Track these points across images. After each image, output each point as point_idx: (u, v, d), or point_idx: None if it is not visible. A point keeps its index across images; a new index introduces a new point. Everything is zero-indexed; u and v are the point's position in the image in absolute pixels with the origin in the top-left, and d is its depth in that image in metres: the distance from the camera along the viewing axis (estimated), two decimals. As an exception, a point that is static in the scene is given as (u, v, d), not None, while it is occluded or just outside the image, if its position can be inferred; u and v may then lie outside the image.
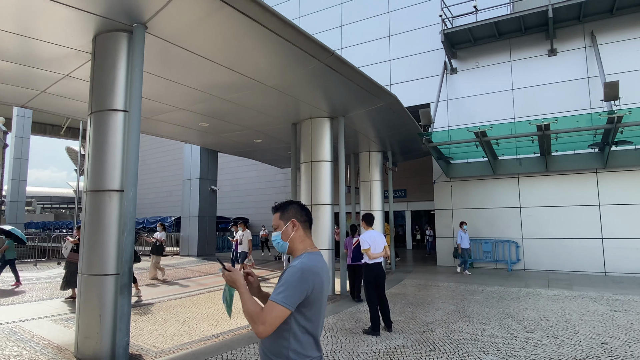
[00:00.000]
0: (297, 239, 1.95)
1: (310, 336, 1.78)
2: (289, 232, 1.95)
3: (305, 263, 1.79)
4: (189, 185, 18.75)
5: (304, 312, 1.75)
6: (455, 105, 14.18)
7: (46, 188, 64.13)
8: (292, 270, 1.76)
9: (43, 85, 7.32)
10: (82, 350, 4.73)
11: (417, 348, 5.10)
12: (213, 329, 6.07)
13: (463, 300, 8.08)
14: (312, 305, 1.76)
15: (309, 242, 1.97)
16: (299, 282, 1.72)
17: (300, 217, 1.98)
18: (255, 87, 7.53)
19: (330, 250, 8.98)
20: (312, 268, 1.78)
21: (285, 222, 1.97)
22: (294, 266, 1.78)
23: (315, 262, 1.83)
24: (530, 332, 5.82)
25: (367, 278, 6.01)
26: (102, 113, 5.08)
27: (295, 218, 1.96)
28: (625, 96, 10.59)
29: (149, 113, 9.22)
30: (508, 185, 13.28)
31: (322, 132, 9.32)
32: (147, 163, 31.47)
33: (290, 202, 2.05)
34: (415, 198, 20.67)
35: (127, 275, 4.70)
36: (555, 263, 12.30)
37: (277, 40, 5.71)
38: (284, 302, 1.69)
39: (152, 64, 6.25)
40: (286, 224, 1.96)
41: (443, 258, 14.24)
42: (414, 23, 15.20)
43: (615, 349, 5.03)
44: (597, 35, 12.21)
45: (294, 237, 1.95)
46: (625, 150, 11.42)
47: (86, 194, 5.05)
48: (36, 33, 5.40)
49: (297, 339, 1.75)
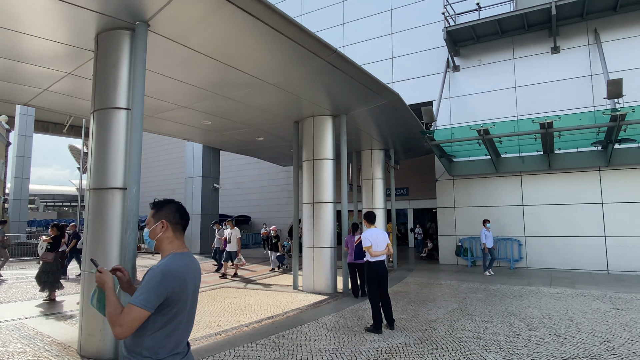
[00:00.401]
0: (165, 240, 1.96)
1: (170, 336, 1.81)
2: (157, 232, 1.96)
3: (167, 265, 1.81)
4: (192, 183, 18.79)
5: (163, 313, 1.78)
6: (458, 103, 14.15)
7: (49, 186, 64.35)
8: (153, 272, 1.78)
9: (46, 83, 7.33)
10: (85, 348, 4.75)
11: (420, 346, 5.10)
12: (216, 327, 6.08)
13: (465, 299, 8.08)
14: (172, 306, 1.79)
15: (178, 243, 1.98)
16: (158, 284, 1.74)
17: (172, 219, 1.98)
18: (258, 85, 7.53)
19: (332, 249, 8.99)
20: (172, 270, 1.80)
21: (155, 221, 1.98)
22: (154, 268, 1.80)
23: (178, 264, 1.85)
24: (532, 330, 5.81)
25: (369, 276, 6.01)
26: (104, 111, 5.09)
27: (166, 218, 1.97)
28: (628, 94, 10.55)
29: (152, 111, 9.23)
30: (511, 183, 13.25)
31: (324, 130, 9.31)
32: (149, 161, 31.53)
33: (167, 201, 2.05)
34: (417, 196, 20.65)
35: (130, 273, 4.70)
36: (557, 261, 12.27)
37: (280, 38, 5.71)
38: (142, 304, 1.71)
39: (154, 62, 6.25)
40: (155, 223, 1.98)
41: (445, 256, 14.23)
42: (417, 20, 15.16)
43: (617, 347, 5.02)
44: (600, 33, 12.15)
45: (161, 237, 1.96)
46: (629, 148, 11.38)
47: (89, 192, 5.07)
48: (39, 31, 5.40)
49: (155, 338, 1.78)
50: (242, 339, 5.44)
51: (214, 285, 9.82)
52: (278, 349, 5.00)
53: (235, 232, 11.16)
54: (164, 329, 1.79)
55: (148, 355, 1.78)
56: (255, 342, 5.26)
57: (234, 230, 11.21)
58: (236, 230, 11.21)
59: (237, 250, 11.11)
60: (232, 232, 11.17)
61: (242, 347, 5.04)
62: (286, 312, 7.05)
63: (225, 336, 5.59)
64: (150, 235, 1.98)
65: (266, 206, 24.63)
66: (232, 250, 11.09)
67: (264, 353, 4.82)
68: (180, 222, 2.01)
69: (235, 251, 11.07)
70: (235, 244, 11.06)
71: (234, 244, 11.06)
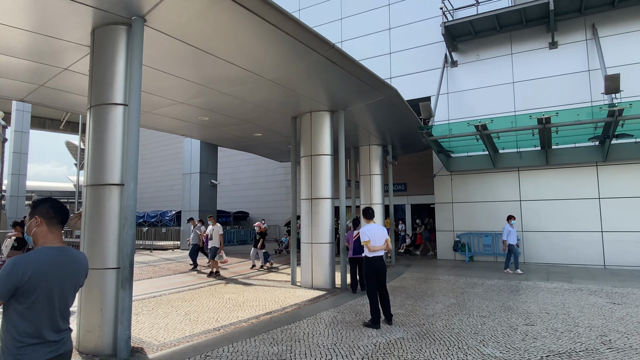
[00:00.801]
0: (39, 234, 2.11)
1: (30, 323, 1.92)
2: (32, 227, 2.11)
3: (23, 257, 1.94)
4: (189, 179, 18.76)
5: (21, 301, 1.90)
6: (456, 99, 14.14)
7: (46, 182, 64.03)
8: (6, 264, 1.92)
9: (42, 79, 7.28)
10: (83, 344, 4.76)
11: (418, 341, 5.12)
12: (214, 322, 6.09)
13: (463, 294, 8.11)
14: (30, 294, 1.91)
15: (52, 237, 2.12)
16: (7, 274, 1.87)
17: (46, 214, 2.12)
18: (255, 80, 7.49)
19: (330, 244, 9.00)
20: (26, 262, 1.93)
21: (30, 218, 2.13)
22: (9, 260, 1.93)
23: (36, 257, 1.98)
24: (529, 324, 5.84)
25: (367, 271, 6.02)
26: (101, 107, 5.06)
27: (39, 214, 2.12)
28: (626, 89, 10.56)
29: (149, 107, 9.19)
30: (508, 178, 13.28)
31: (322, 125, 9.29)
32: (147, 157, 31.45)
33: (44, 200, 2.20)
34: (415, 192, 20.64)
35: (128, 269, 4.72)
36: (555, 256, 12.33)
37: (277, 33, 5.68)
38: None
39: (151, 57, 6.21)
40: (31, 219, 2.12)
41: (443, 252, 14.28)
42: (415, 15, 15.11)
43: (614, 341, 5.05)
44: (598, 28, 12.14)
45: (36, 232, 2.11)
46: (626, 144, 11.40)
47: (86, 188, 5.05)
48: (34, 26, 5.36)
49: (14, 325, 1.90)
50: (240, 334, 5.45)
51: (211, 281, 9.83)
52: (276, 344, 5.01)
53: (217, 228, 10.76)
54: (23, 318, 1.91)
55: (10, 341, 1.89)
56: (253, 337, 5.28)
57: (216, 226, 10.82)
58: (218, 227, 10.80)
59: (219, 247, 10.74)
60: (214, 228, 10.78)
61: (241, 343, 5.05)
62: (284, 307, 7.07)
63: (224, 332, 5.60)
64: (27, 231, 2.13)
65: (264, 202, 24.62)
66: (214, 247, 10.68)
67: (262, 348, 4.84)
68: (55, 217, 2.14)
69: (217, 247, 10.68)
70: (217, 240, 10.67)
71: (216, 240, 10.67)
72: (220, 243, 10.72)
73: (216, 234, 10.69)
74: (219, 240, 10.69)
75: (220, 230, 10.76)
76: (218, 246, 10.66)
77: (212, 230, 10.83)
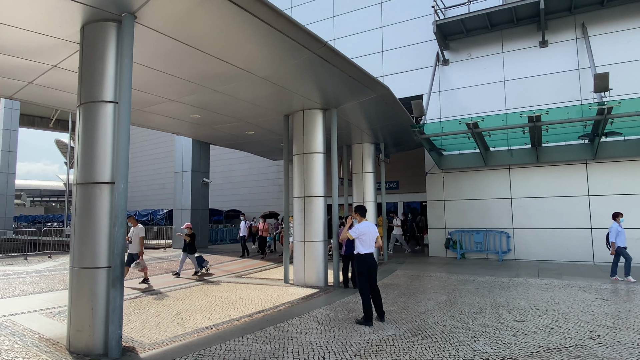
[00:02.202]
0: None
1: None
2: None
3: None
4: (181, 177, 18.64)
5: None
6: (448, 97, 14.21)
7: (36, 181, 63.44)
8: None
9: (30, 77, 7.18)
10: (74, 344, 4.72)
11: (410, 337, 5.15)
12: (206, 321, 6.07)
13: (454, 291, 8.17)
14: None
15: None
16: None
17: None
18: (247, 78, 7.46)
19: (323, 242, 9.01)
20: None
21: None
22: None
23: None
24: (520, 320, 5.90)
25: (359, 268, 6.04)
26: (91, 104, 5.00)
27: None
28: (615, 87, 10.68)
29: (140, 104, 9.11)
30: (499, 176, 13.38)
31: (314, 123, 9.28)
32: (138, 155, 31.20)
33: None
34: (407, 190, 20.71)
35: (118, 268, 4.68)
36: (545, 253, 12.46)
37: (269, 30, 5.66)
38: None
39: (141, 54, 6.15)
40: None
41: (435, 249, 14.36)
42: (407, 14, 15.14)
43: (603, 336, 5.12)
44: (588, 27, 12.27)
45: None
46: (615, 142, 11.55)
47: (76, 187, 5.00)
48: (22, 22, 5.28)
49: None
50: (233, 333, 5.44)
51: (204, 280, 9.79)
52: (269, 342, 5.01)
53: (139, 229, 8.92)
54: None
55: None
56: (246, 335, 5.27)
57: (137, 227, 8.95)
58: (139, 228, 8.94)
59: (140, 252, 8.88)
60: (134, 230, 8.94)
61: (233, 341, 5.04)
62: (277, 305, 7.06)
63: (216, 330, 5.58)
64: None
65: (257, 200, 24.54)
66: (134, 252, 8.85)
67: (255, 347, 4.83)
68: None
69: (137, 253, 8.85)
70: (138, 245, 8.85)
71: (136, 245, 8.85)
72: (141, 247, 8.90)
73: (136, 237, 8.88)
74: (140, 244, 8.88)
75: (142, 232, 8.97)
76: (138, 251, 8.86)
77: (132, 233, 8.93)
